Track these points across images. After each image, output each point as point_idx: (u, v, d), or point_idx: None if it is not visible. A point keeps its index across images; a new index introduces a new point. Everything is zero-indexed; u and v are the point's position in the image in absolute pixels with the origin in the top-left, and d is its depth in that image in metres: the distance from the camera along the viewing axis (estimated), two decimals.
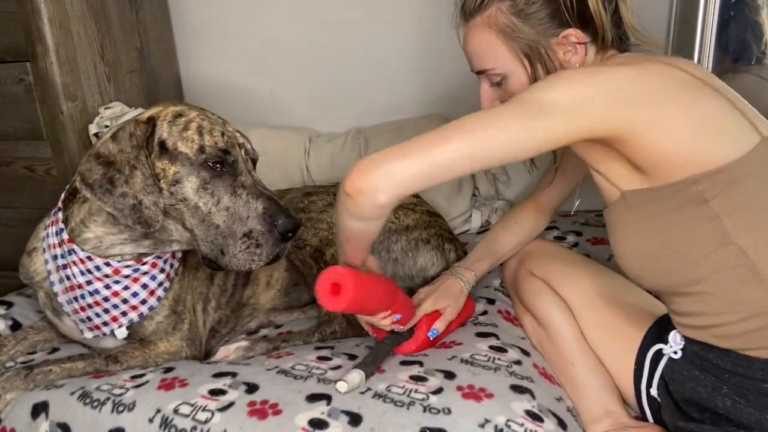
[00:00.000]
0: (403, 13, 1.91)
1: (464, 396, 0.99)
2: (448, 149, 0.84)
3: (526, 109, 0.85)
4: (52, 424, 1.02)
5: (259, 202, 1.06)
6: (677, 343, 0.99)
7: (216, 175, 1.05)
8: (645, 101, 0.85)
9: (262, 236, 1.05)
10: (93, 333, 1.18)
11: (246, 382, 1.04)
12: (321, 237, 1.38)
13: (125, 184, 1.03)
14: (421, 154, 0.85)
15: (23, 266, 1.23)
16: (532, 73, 1.00)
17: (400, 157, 0.86)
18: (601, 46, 1.00)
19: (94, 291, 1.13)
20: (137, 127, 1.06)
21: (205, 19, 2.09)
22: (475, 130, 0.85)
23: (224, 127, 1.11)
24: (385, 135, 1.87)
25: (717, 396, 0.91)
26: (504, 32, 1.00)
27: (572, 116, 0.84)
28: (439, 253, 1.44)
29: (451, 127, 0.87)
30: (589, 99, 0.85)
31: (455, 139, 0.85)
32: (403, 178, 0.86)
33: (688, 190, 0.86)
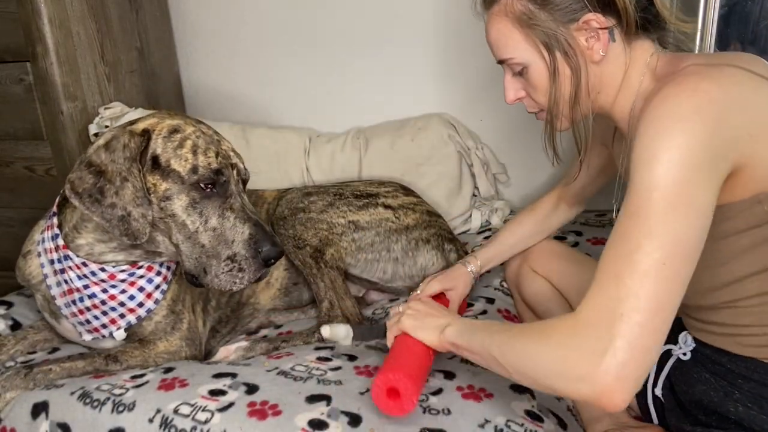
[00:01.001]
0: (404, 12, 1.91)
1: (464, 396, 0.99)
2: (669, 308, 0.74)
3: (675, 204, 0.73)
4: (52, 423, 1.02)
5: (246, 227, 1.06)
6: (687, 345, 0.97)
7: (206, 196, 1.06)
8: (751, 129, 0.77)
9: (246, 261, 1.05)
10: (92, 335, 1.18)
11: (246, 383, 1.04)
12: (321, 237, 1.38)
13: (115, 195, 1.02)
14: (647, 329, 0.72)
15: (19, 269, 1.23)
16: (551, 62, 0.93)
17: (647, 356, 0.73)
18: (626, 30, 0.92)
19: (92, 294, 1.14)
20: (132, 139, 1.04)
21: (205, 19, 2.09)
22: (664, 264, 0.73)
23: (219, 146, 1.10)
24: (385, 135, 1.87)
25: (729, 401, 0.89)
26: (520, 20, 0.94)
27: (706, 173, 0.74)
28: (439, 253, 1.44)
29: (633, 271, 0.74)
30: (706, 150, 0.74)
31: (648, 288, 0.73)
32: (651, 364, 0.75)
33: (753, 209, 0.81)
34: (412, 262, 1.42)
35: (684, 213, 0.73)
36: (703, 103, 0.75)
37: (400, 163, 1.83)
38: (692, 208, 0.74)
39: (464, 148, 1.87)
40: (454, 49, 1.89)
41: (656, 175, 0.74)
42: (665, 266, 0.72)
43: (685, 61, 0.86)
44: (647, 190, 0.74)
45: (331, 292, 1.33)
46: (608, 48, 0.91)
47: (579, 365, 0.73)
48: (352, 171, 1.85)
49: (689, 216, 0.73)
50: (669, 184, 0.73)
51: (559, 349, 0.76)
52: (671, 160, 0.73)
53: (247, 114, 2.13)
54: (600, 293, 0.75)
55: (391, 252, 1.41)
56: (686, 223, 0.73)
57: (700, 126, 0.74)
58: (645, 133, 0.77)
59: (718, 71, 0.79)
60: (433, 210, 1.56)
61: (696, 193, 0.74)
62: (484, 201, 1.90)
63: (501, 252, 1.35)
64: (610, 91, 0.95)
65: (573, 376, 0.74)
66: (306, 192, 1.48)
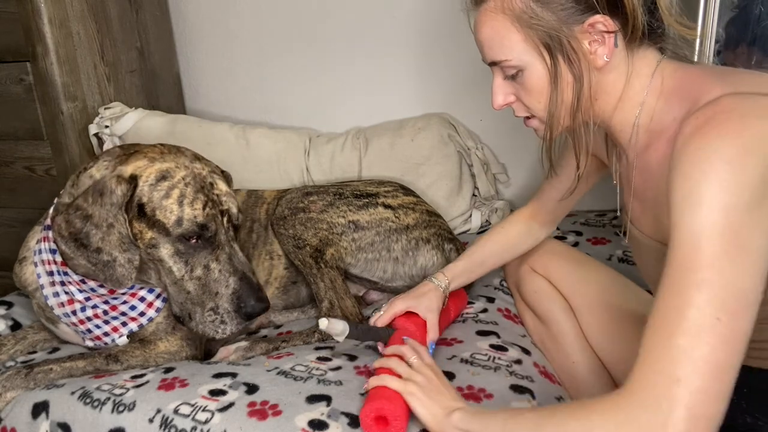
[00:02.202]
0: (404, 11, 1.91)
1: (464, 396, 0.99)
2: (730, 367, 0.66)
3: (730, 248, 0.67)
4: (52, 423, 1.02)
5: (231, 280, 1.06)
6: None
7: (191, 247, 1.05)
8: None
9: (228, 315, 1.06)
10: (93, 342, 1.19)
11: (246, 383, 1.04)
12: (321, 237, 1.38)
13: (101, 240, 1.01)
14: (717, 400, 0.65)
15: (16, 275, 1.23)
16: (552, 66, 0.86)
17: (710, 424, 0.65)
18: (630, 37, 0.86)
19: (94, 306, 1.14)
20: (119, 186, 1.02)
21: (205, 19, 2.09)
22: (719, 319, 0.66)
23: (210, 191, 1.07)
24: (385, 135, 1.87)
25: (736, 411, 0.86)
26: (520, 19, 0.85)
27: (756, 215, 0.68)
28: (439, 253, 1.44)
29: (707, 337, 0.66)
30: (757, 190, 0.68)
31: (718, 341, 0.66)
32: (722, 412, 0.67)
33: None
34: (413, 261, 1.42)
35: (738, 260, 0.66)
36: (750, 142, 0.68)
37: (400, 163, 1.83)
38: (746, 253, 0.66)
39: (464, 148, 1.87)
40: (455, 49, 1.89)
41: (704, 221, 0.67)
42: (720, 322, 0.65)
43: (709, 88, 0.78)
44: (696, 237, 0.67)
45: (331, 292, 1.33)
46: (612, 53, 0.85)
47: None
48: (352, 171, 1.85)
49: (744, 263, 0.66)
50: (719, 229, 0.66)
51: (609, 425, 0.66)
52: (720, 203, 0.67)
53: (247, 114, 2.13)
54: (651, 358, 0.67)
55: (391, 252, 1.41)
56: (741, 271, 0.66)
57: (750, 167, 0.67)
58: (688, 176, 0.70)
59: (756, 104, 0.72)
60: (433, 210, 1.56)
61: (749, 237, 0.67)
62: (484, 201, 1.90)
63: (469, 268, 1.26)
64: (610, 99, 0.89)
65: None
66: (306, 192, 1.48)
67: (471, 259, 1.26)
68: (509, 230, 1.29)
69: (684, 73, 0.86)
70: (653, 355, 0.67)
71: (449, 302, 1.23)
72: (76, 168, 1.73)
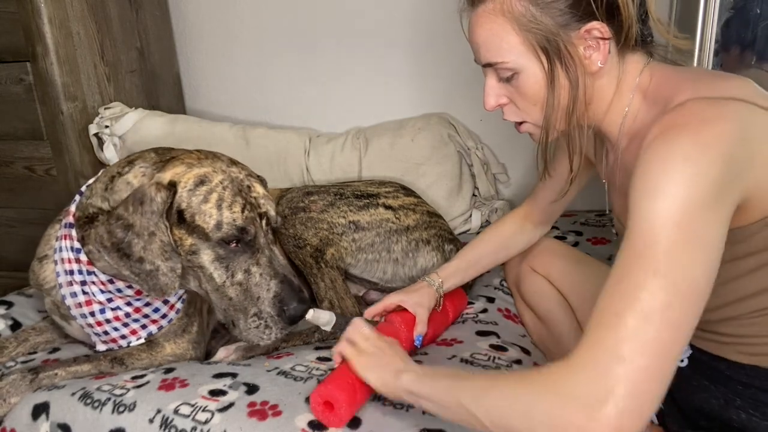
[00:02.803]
0: (404, 11, 1.91)
1: None
2: (674, 353, 0.68)
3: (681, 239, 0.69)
4: (52, 424, 1.02)
5: (272, 283, 1.04)
6: (684, 352, 0.96)
7: (232, 251, 1.03)
8: (752, 162, 0.75)
9: (271, 319, 1.04)
10: (107, 346, 1.18)
11: (246, 383, 1.04)
12: (321, 237, 1.38)
13: (143, 249, 1.00)
14: (655, 373, 0.67)
15: (33, 272, 1.22)
16: (549, 69, 0.87)
17: (649, 404, 0.67)
18: (623, 44, 0.88)
19: (116, 308, 1.13)
20: (158, 194, 1.01)
21: (205, 19, 2.09)
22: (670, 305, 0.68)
23: (248, 194, 1.06)
24: (385, 135, 1.87)
25: (730, 408, 0.89)
26: (519, 22, 0.86)
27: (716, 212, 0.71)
28: (439, 254, 1.45)
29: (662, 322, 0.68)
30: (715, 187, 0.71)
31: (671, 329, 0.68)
32: (658, 401, 0.68)
33: (762, 233, 0.79)
34: (413, 262, 1.43)
35: (692, 251, 0.69)
36: (709, 141, 0.72)
37: (400, 163, 1.83)
38: (700, 245, 0.69)
39: (464, 148, 1.87)
40: (455, 48, 1.89)
41: (662, 211, 0.70)
42: (671, 307, 0.67)
43: (682, 91, 0.82)
44: (653, 226, 0.70)
45: (332, 292, 1.34)
46: (607, 59, 0.87)
47: (573, 414, 0.65)
48: (352, 171, 1.85)
49: (697, 254, 0.69)
50: (676, 220, 0.69)
51: (549, 396, 0.68)
52: (678, 197, 0.69)
53: (247, 114, 2.13)
54: (598, 333, 0.68)
55: (392, 252, 1.41)
56: (694, 261, 0.69)
57: (707, 164, 0.70)
58: (649, 169, 0.73)
59: (721, 107, 0.76)
60: (433, 210, 1.56)
61: (704, 230, 0.70)
62: (484, 201, 1.90)
63: (463, 267, 1.26)
64: (602, 104, 0.91)
65: (565, 427, 0.66)
66: (306, 192, 1.48)
67: (464, 259, 1.26)
68: (503, 230, 1.29)
69: (662, 76, 0.88)
70: (600, 332, 0.68)
71: (447, 303, 1.23)
72: (76, 168, 1.75)
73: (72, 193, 1.21)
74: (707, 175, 0.70)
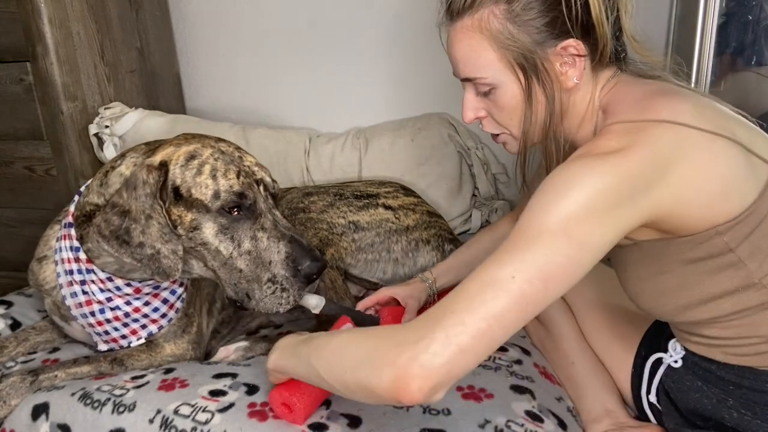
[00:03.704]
0: (403, 11, 1.91)
1: (464, 396, 1.00)
2: (500, 319, 0.71)
3: (557, 238, 0.74)
4: (52, 425, 1.02)
5: (281, 245, 1.02)
6: (677, 353, 0.98)
7: (234, 220, 1.02)
8: (668, 182, 0.78)
9: (287, 281, 1.02)
10: (108, 345, 1.18)
11: (246, 383, 1.04)
12: (321, 237, 1.38)
13: (142, 234, 0.99)
14: (476, 337, 0.70)
15: (33, 273, 1.22)
16: (526, 85, 0.90)
17: (457, 352, 0.70)
18: (598, 61, 0.90)
19: (115, 307, 1.13)
20: (150, 174, 1.01)
21: (205, 18, 2.09)
22: (516, 286, 0.72)
23: (240, 163, 1.06)
24: (385, 135, 1.87)
25: (723, 408, 0.90)
26: (497, 39, 0.88)
27: (606, 225, 0.75)
28: (439, 254, 1.45)
29: (494, 290, 0.72)
30: (612, 201, 0.75)
31: (501, 307, 0.72)
32: (465, 370, 0.72)
33: (712, 241, 0.82)
34: (412, 262, 1.43)
35: (565, 245, 0.73)
36: (604, 167, 0.76)
37: (400, 163, 1.83)
38: (577, 244, 0.73)
39: (464, 148, 1.87)
40: None
41: (556, 205, 0.74)
42: (515, 282, 0.71)
43: (620, 108, 0.86)
44: (532, 215, 0.75)
45: (331, 292, 1.34)
46: (582, 75, 0.89)
47: (389, 352, 0.70)
48: (352, 171, 1.85)
49: (570, 250, 0.73)
50: (565, 214, 0.73)
51: (375, 340, 0.74)
52: (571, 198, 0.74)
53: (247, 114, 2.13)
54: (444, 299, 0.74)
55: (391, 253, 1.41)
56: (562, 255, 0.73)
57: (608, 179, 0.75)
58: (554, 174, 0.78)
59: (636, 133, 0.79)
60: (433, 210, 1.56)
61: (588, 233, 0.74)
62: (484, 201, 1.90)
63: (456, 266, 1.27)
64: (575, 118, 0.93)
65: (379, 363, 0.70)
66: (306, 192, 1.48)
67: (458, 258, 1.29)
68: (496, 232, 1.31)
69: (618, 92, 0.91)
70: (446, 299, 0.74)
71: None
72: (76, 168, 1.75)
73: (72, 193, 1.21)
74: (604, 189, 0.74)
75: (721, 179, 0.80)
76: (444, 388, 0.70)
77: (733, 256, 0.82)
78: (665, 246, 0.86)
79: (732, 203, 0.81)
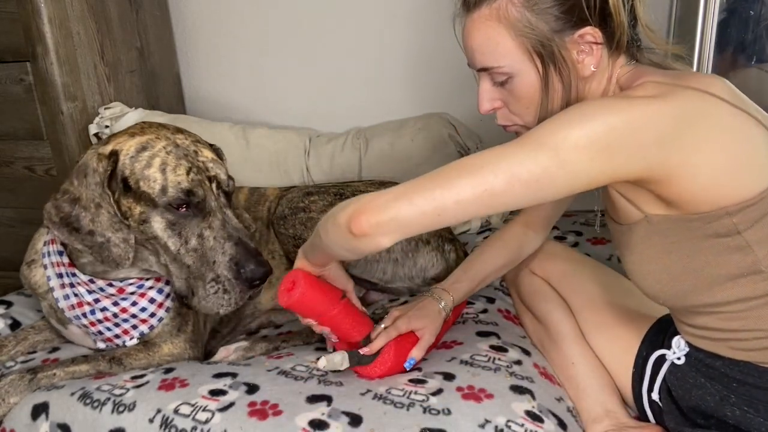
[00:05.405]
0: (403, 11, 1.91)
1: (464, 397, 0.99)
2: (454, 193, 0.79)
3: (544, 150, 0.77)
4: (52, 425, 1.02)
5: (227, 246, 1.02)
6: (681, 349, 0.98)
7: (182, 216, 1.02)
8: (682, 143, 0.78)
9: (229, 282, 1.02)
10: (105, 344, 1.18)
11: (246, 383, 1.04)
12: None
13: (92, 222, 1.00)
14: (426, 197, 0.80)
15: (24, 276, 1.22)
16: (543, 73, 0.90)
17: (406, 202, 0.81)
18: (615, 49, 0.91)
19: (103, 308, 1.13)
20: (100, 163, 1.00)
21: (205, 19, 2.09)
22: (482, 173, 0.79)
23: (194, 158, 1.05)
24: (385, 135, 1.87)
25: (726, 405, 0.90)
26: (515, 27, 0.88)
27: (598, 161, 0.77)
28: (438, 254, 1.44)
29: (459, 167, 0.81)
30: (616, 142, 0.77)
31: (461, 183, 0.79)
32: (408, 222, 0.82)
33: (721, 221, 0.81)
34: (412, 263, 1.42)
35: (547, 155, 0.77)
36: (638, 105, 0.78)
37: (400, 163, 1.83)
38: (559, 159, 0.77)
39: (464, 148, 1.87)
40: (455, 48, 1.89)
41: (560, 125, 0.78)
42: (484, 167, 0.78)
43: (645, 77, 0.87)
44: (542, 128, 0.80)
45: None
46: (599, 63, 0.90)
47: (359, 199, 0.86)
48: (352, 171, 1.85)
49: (550, 161, 0.77)
50: (561, 134, 0.77)
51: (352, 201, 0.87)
52: (577, 125, 0.77)
53: (247, 114, 2.13)
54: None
55: (391, 253, 1.41)
56: (537, 162, 0.77)
57: (619, 119, 0.77)
58: (584, 102, 0.82)
59: (669, 89, 0.81)
60: None
61: (577, 161, 0.77)
62: None
63: (474, 287, 1.24)
64: None
65: (347, 204, 0.87)
66: (307, 192, 1.48)
67: (474, 278, 1.24)
68: (509, 243, 1.27)
69: (638, 73, 0.91)
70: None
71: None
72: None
73: None
74: (613, 126, 0.77)
75: (736, 157, 0.80)
76: (389, 230, 0.82)
77: (740, 239, 0.82)
78: (674, 223, 0.85)
79: (744, 184, 0.80)
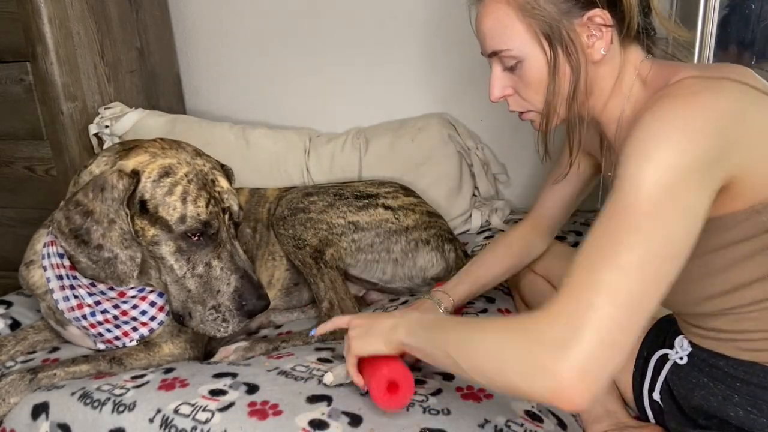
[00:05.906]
0: (404, 11, 1.91)
1: (464, 397, 1.00)
2: (646, 309, 0.69)
3: (660, 204, 0.70)
4: (52, 424, 1.02)
5: (233, 278, 1.06)
6: (684, 349, 0.97)
7: (194, 244, 1.04)
8: (741, 140, 0.75)
9: (230, 313, 1.06)
10: (105, 345, 1.19)
11: (246, 383, 1.04)
12: (321, 237, 1.38)
13: (102, 236, 1.00)
14: (627, 332, 0.68)
15: (23, 278, 1.22)
16: (552, 57, 0.89)
17: (610, 356, 0.67)
18: (625, 34, 0.90)
19: (104, 311, 1.14)
20: (120, 181, 1.00)
21: (205, 19, 2.09)
22: (646, 261, 0.69)
23: (213, 188, 1.06)
24: (385, 135, 1.87)
25: (729, 405, 0.89)
26: (523, 9, 0.88)
27: (704, 182, 0.72)
28: (438, 254, 1.45)
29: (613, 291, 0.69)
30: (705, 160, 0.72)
31: (641, 299, 0.69)
32: (620, 365, 0.69)
33: (751, 219, 0.80)
34: (412, 263, 1.43)
35: (672, 213, 0.70)
36: (701, 112, 0.73)
37: (400, 163, 1.83)
38: (681, 209, 0.71)
39: (464, 148, 1.87)
40: (455, 48, 1.89)
41: (647, 173, 0.71)
42: (647, 264, 0.68)
43: (680, 72, 0.84)
44: (636, 187, 0.71)
45: (331, 292, 1.33)
46: (609, 46, 0.89)
47: (541, 356, 0.67)
48: (352, 171, 1.85)
49: (678, 217, 0.70)
50: (661, 184, 0.70)
51: (520, 339, 0.70)
52: (665, 162, 0.71)
53: (247, 114, 2.13)
54: (574, 286, 0.70)
55: (391, 253, 1.41)
56: (674, 224, 0.70)
57: (696, 131, 0.72)
58: (639, 135, 0.74)
59: (715, 83, 0.78)
60: (433, 210, 1.56)
61: (687, 195, 0.71)
62: (484, 201, 1.90)
63: (475, 291, 1.25)
64: (602, 94, 0.93)
65: (532, 369, 0.68)
66: (306, 192, 1.48)
67: (476, 281, 1.24)
68: (513, 248, 1.27)
69: (662, 65, 0.90)
70: (577, 284, 0.70)
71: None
72: (76, 168, 1.75)
73: None
74: (696, 142, 0.71)
75: None
76: (604, 384, 0.68)
77: (767, 237, 0.80)
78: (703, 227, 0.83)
79: None
